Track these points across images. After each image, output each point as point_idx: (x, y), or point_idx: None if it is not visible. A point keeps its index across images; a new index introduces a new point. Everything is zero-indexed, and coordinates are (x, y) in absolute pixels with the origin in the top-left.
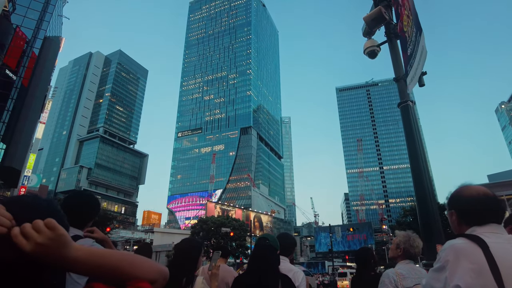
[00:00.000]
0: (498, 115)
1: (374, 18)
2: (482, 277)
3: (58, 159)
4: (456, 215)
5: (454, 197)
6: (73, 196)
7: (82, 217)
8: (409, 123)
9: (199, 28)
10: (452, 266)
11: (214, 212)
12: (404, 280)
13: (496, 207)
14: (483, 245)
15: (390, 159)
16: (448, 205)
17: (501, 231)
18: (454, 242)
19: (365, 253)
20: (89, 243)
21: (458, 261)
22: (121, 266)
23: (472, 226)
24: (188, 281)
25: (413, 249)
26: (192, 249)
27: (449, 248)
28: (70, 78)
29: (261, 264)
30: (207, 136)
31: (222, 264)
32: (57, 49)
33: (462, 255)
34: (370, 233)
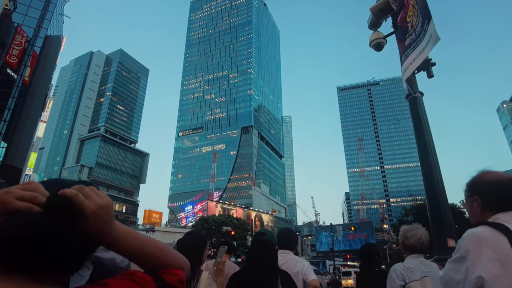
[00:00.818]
0: (500, 115)
1: (381, 8)
2: (506, 267)
3: (59, 158)
4: (479, 201)
5: (477, 181)
6: None
7: None
8: (418, 115)
9: (200, 27)
10: (473, 256)
11: (215, 211)
12: (412, 273)
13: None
14: (508, 234)
15: (391, 159)
16: (470, 190)
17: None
18: (475, 230)
19: (369, 249)
20: None
21: (480, 250)
22: (156, 252)
23: (496, 213)
24: (193, 276)
25: (408, 240)
26: (197, 243)
27: (470, 237)
28: (71, 77)
29: (259, 260)
30: (208, 135)
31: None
32: (58, 48)
33: (485, 244)
34: (371, 232)
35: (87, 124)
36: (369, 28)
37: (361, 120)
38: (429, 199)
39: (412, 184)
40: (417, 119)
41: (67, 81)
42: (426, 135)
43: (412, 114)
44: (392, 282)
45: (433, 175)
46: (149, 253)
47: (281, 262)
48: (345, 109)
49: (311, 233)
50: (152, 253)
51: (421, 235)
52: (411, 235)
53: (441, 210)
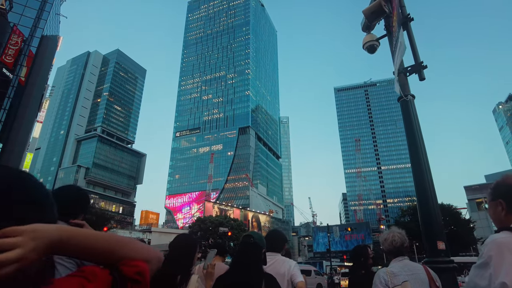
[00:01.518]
0: (496, 116)
1: (373, 11)
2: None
3: (55, 158)
4: (504, 204)
5: (502, 185)
6: (62, 190)
7: (70, 211)
8: (409, 118)
9: (198, 28)
10: (496, 262)
11: (212, 212)
12: (395, 278)
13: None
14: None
15: (388, 159)
16: (493, 194)
17: None
18: (497, 236)
19: (356, 251)
20: None
21: (502, 256)
22: (110, 246)
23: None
24: (183, 279)
25: (382, 245)
26: (188, 245)
27: (492, 243)
28: (68, 77)
29: (245, 263)
30: (205, 136)
31: (218, 262)
32: (54, 48)
33: (507, 249)
34: (368, 233)
35: (84, 124)
36: (363, 30)
37: (358, 121)
38: (419, 202)
39: (409, 184)
40: (408, 122)
41: (64, 81)
42: (417, 138)
43: (404, 116)
44: None
45: (424, 179)
46: (101, 247)
47: (269, 264)
48: (342, 110)
49: (308, 234)
50: (105, 247)
51: (393, 238)
52: (384, 241)
53: (431, 213)
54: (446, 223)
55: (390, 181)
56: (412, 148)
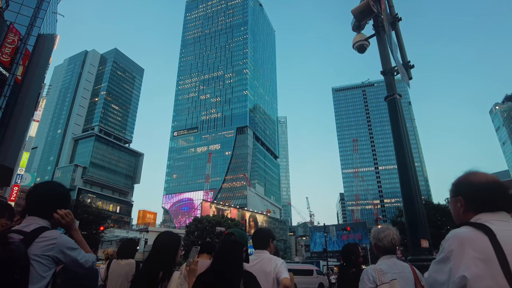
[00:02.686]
0: (493, 116)
1: (362, 10)
2: (489, 266)
3: (52, 157)
4: (463, 201)
5: (462, 182)
6: (41, 186)
7: (50, 207)
8: (395, 117)
9: (196, 27)
10: (457, 256)
11: (209, 212)
12: (383, 275)
13: (505, 195)
14: (489, 233)
15: (386, 159)
16: (454, 191)
17: (508, 219)
18: (457, 231)
19: (347, 249)
20: (57, 235)
21: (463, 250)
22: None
23: (479, 214)
24: (165, 275)
25: (380, 242)
26: (170, 242)
27: (453, 238)
28: (65, 76)
29: (224, 260)
30: (203, 135)
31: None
32: (51, 46)
33: (467, 244)
34: (365, 233)
35: (81, 123)
36: (353, 30)
37: (356, 121)
38: (404, 200)
39: None
40: (395, 120)
41: (61, 80)
42: (403, 136)
43: (390, 115)
44: (363, 285)
45: (409, 178)
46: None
47: (255, 262)
48: (340, 110)
49: (305, 234)
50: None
51: (393, 236)
52: (383, 237)
53: (416, 212)
54: (443, 223)
55: (388, 181)
56: (398, 148)
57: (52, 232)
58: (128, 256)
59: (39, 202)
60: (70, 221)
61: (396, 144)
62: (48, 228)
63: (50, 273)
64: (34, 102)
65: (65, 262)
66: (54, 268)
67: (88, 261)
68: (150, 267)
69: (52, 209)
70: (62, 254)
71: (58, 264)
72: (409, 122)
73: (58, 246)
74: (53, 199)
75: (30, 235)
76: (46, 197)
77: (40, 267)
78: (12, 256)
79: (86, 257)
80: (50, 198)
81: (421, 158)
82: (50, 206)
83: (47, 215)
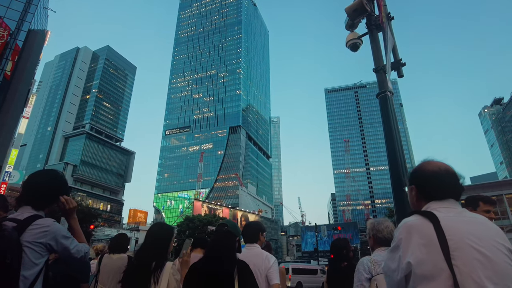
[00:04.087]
0: (481, 119)
1: (355, 9)
2: (431, 251)
3: (42, 155)
4: (416, 190)
5: (416, 171)
6: (36, 175)
7: (44, 196)
8: (387, 113)
9: (189, 26)
10: (404, 244)
11: (201, 211)
12: (378, 266)
13: (455, 183)
14: (434, 220)
15: (377, 160)
16: (409, 180)
17: (455, 206)
18: (407, 220)
19: (338, 244)
20: (49, 223)
21: (410, 237)
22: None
23: (429, 202)
24: (158, 266)
25: (380, 233)
26: (162, 233)
27: (403, 227)
28: (56, 73)
29: (217, 250)
30: (196, 134)
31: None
32: (42, 42)
33: (414, 231)
34: (355, 233)
35: (72, 121)
36: (346, 29)
37: (348, 122)
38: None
39: None
40: (386, 117)
41: (52, 77)
42: (394, 134)
43: (382, 111)
44: (359, 275)
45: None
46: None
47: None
48: (333, 111)
49: (297, 233)
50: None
51: (392, 227)
52: (383, 228)
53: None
54: None
55: (378, 182)
56: (389, 144)
57: (45, 220)
58: (120, 251)
59: (34, 192)
60: (73, 208)
61: (387, 140)
62: (42, 217)
63: (42, 261)
64: (23, 98)
65: (57, 250)
66: (47, 255)
67: (80, 251)
68: (142, 258)
69: (48, 199)
70: (54, 241)
71: (51, 252)
72: (400, 124)
73: (50, 233)
74: (49, 189)
75: (23, 222)
76: (41, 187)
77: (32, 254)
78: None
79: (78, 246)
80: (45, 188)
81: (411, 160)
82: (45, 196)
83: (41, 205)
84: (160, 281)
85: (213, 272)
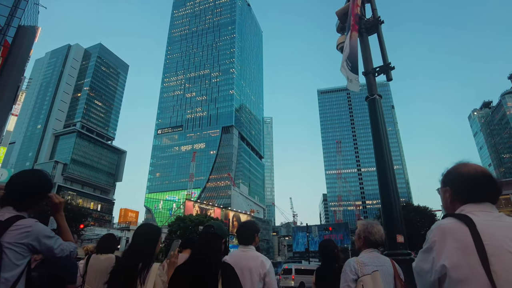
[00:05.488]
0: (471, 122)
1: (345, 12)
2: (468, 255)
3: (31, 153)
4: (450, 192)
5: (451, 173)
6: (19, 175)
7: (27, 197)
8: (375, 116)
9: (183, 25)
10: (438, 246)
11: (193, 211)
12: (365, 267)
13: (492, 186)
14: (470, 224)
15: (368, 161)
16: (443, 181)
17: (492, 209)
18: (441, 222)
19: (330, 244)
20: (31, 223)
21: (444, 240)
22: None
23: (464, 204)
24: (144, 266)
25: (372, 236)
26: (149, 233)
27: (436, 229)
28: (47, 70)
29: (203, 252)
30: (188, 134)
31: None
32: (32, 38)
33: (449, 234)
34: (346, 234)
35: (63, 119)
36: (337, 31)
37: (340, 123)
38: (382, 197)
39: None
40: (374, 120)
41: (42, 74)
42: (382, 136)
43: (370, 114)
44: (345, 276)
45: (387, 175)
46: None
47: (240, 256)
48: (325, 112)
49: (288, 234)
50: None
51: (383, 232)
52: (376, 231)
53: (392, 208)
54: (422, 224)
55: (370, 183)
56: (377, 147)
57: (27, 220)
58: (108, 251)
59: (16, 193)
60: (62, 203)
61: (375, 143)
62: (24, 217)
63: (24, 262)
64: (12, 95)
65: (40, 250)
66: (29, 256)
67: (65, 249)
68: (129, 258)
69: (31, 200)
70: (37, 242)
71: (34, 253)
72: (391, 126)
73: (32, 234)
74: (32, 189)
75: (4, 223)
76: (23, 187)
77: (13, 255)
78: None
79: (63, 245)
80: (28, 188)
81: (402, 161)
82: (28, 197)
83: (24, 205)
84: (146, 282)
85: (197, 274)
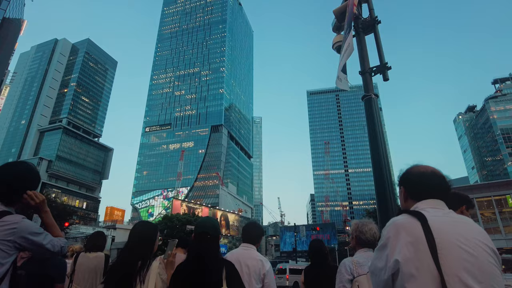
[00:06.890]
0: (456, 125)
1: (343, 11)
2: (418, 249)
3: (14, 149)
4: (404, 190)
5: (404, 173)
6: (3, 168)
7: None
8: (371, 116)
9: (173, 22)
10: (392, 242)
11: (180, 210)
12: (360, 267)
13: (441, 184)
14: (421, 219)
15: (355, 163)
16: (399, 181)
17: (442, 206)
18: (395, 219)
19: (321, 244)
20: (18, 219)
21: (398, 236)
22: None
23: (418, 202)
24: (144, 265)
25: (363, 235)
26: (147, 231)
27: (391, 225)
28: (32, 64)
29: (201, 250)
30: (176, 132)
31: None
32: (17, 31)
33: (402, 230)
34: (333, 234)
35: (48, 115)
36: (333, 31)
37: (329, 124)
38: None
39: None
40: (371, 119)
41: (28, 68)
42: (378, 136)
43: (367, 113)
44: (341, 276)
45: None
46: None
47: (241, 253)
48: (314, 113)
49: (276, 233)
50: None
51: (376, 230)
52: (367, 230)
53: (388, 208)
54: None
55: (357, 183)
56: (373, 146)
57: (13, 216)
58: (97, 249)
59: (2, 186)
60: (41, 203)
61: (371, 142)
62: (11, 213)
63: (10, 260)
64: None
65: (27, 247)
66: (15, 254)
67: (56, 245)
68: (126, 258)
69: (16, 192)
70: (24, 239)
71: (20, 251)
72: None
73: (19, 231)
74: (16, 182)
75: None
76: (7, 180)
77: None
78: None
79: (53, 241)
80: (12, 181)
81: (390, 162)
82: (13, 190)
83: (9, 199)
84: (146, 280)
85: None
